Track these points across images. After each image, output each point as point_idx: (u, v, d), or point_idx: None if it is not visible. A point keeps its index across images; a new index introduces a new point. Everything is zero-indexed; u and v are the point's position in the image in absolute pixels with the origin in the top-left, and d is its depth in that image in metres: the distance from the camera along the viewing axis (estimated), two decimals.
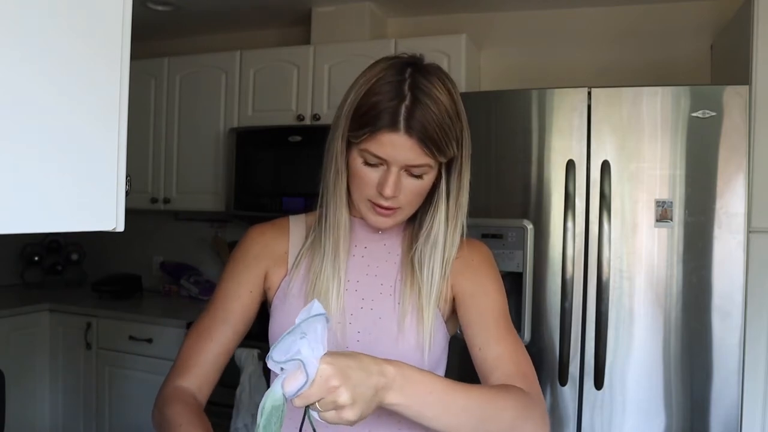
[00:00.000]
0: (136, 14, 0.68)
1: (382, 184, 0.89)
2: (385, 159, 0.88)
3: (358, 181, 0.92)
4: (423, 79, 0.88)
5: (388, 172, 0.89)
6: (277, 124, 2.74)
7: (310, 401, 0.69)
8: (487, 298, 0.98)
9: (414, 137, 0.86)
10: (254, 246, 1.03)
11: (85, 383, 2.79)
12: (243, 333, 1.01)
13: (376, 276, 0.99)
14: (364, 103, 0.89)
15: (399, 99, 0.86)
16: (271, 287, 1.02)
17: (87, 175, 0.64)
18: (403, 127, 0.86)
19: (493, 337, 0.94)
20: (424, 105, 0.86)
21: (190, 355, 0.98)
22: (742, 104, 1.77)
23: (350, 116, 0.91)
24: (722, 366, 1.78)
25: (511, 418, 0.83)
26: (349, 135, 0.90)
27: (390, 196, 0.90)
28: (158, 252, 3.43)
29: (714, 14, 2.47)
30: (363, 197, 0.93)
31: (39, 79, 0.58)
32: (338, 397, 0.69)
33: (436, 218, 0.96)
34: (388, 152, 0.87)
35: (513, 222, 1.94)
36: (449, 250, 0.97)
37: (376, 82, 0.89)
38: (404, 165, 0.89)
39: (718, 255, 1.78)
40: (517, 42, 2.77)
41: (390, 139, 0.86)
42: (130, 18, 0.67)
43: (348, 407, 0.70)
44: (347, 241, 0.98)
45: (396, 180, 0.89)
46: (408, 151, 0.87)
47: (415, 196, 0.93)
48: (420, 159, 0.88)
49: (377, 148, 0.88)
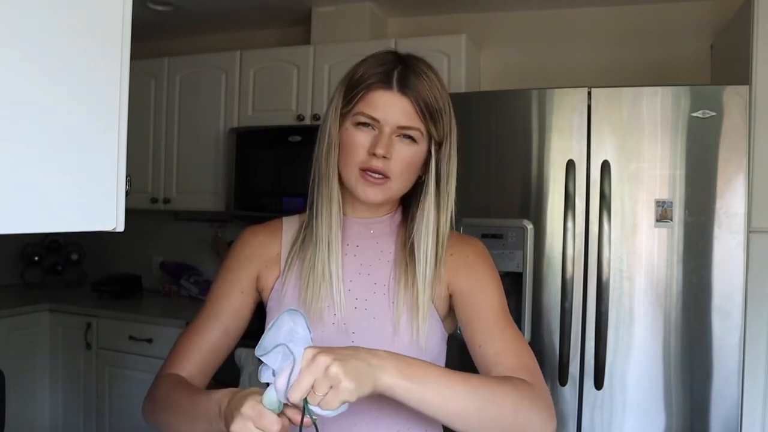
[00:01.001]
0: (136, 14, 0.68)
1: (374, 144, 0.91)
2: (377, 119, 0.91)
3: (349, 148, 0.93)
4: (411, 59, 0.94)
5: (380, 133, 0.91)
6: (277, 124, 2.74)
7: (304, 387, 0.69)
8: (485, 294, 0.97)
9: (407, 96, 0.90)
10: (246, 248, 1.04)
11: (85, 383, 2.79)
12: (236, 333, 1.02)
13: (369, 275, 0.99)
14: (355, 74, 0.93)
15: (391, 65, 0.92)
16: (264, 288, 1.02)
17: (87, 175, 0.64)
18: (396, 87, 0.90)
19: (493, 333, 0.93)
20: (416, 74, 0.92)
21: (179, 351, 0.99)
22: (742, 104, 1.77)
23: (342, 91, 0.94)
24: (722, 366, 1.78)
25: (514, 406, 0.81)
26: (342, 109, 0.93)
27: (381, 154, 0.90)
28: (158, 252, 3.43)
29: (714, 14, 2.47)
30: (353, 165, 0.93)
31: (39, 79, 0.58)
32: (329, 370, 0.69)
33: (427, 202, 0.97)
34: (381, 111, 0.90)
35: (513, 222, 1.94)
36: (442, 235, 0.98)
37: (364, 62, 0.94)
38: (396, 125, 0.91)
39: (718, 255, 1.78)
40: (517, 42, 2.77)
41: (383, 97, 0.90)
42: (130, 18, 0.67)
43: (343, 379, 0.69)
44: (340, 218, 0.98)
45: (388, 140, 0.91)
46: (401, 112, 0.90)
47: (405, 165, 0.93)
48: (412, 121, 0.91)
49: (370, 108, 0.91)
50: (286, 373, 0.69)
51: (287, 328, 0.71)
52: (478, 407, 0.80)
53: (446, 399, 0.78)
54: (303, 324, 0.72)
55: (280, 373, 0.69)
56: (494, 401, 0.81)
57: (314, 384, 0.69)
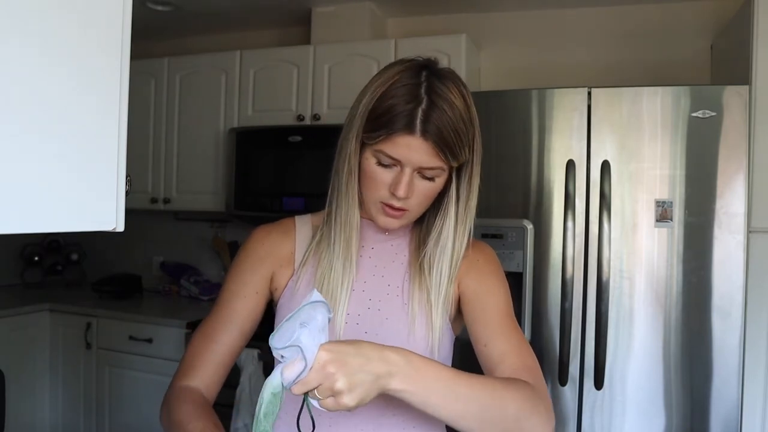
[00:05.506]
0: (136, 14, 0.68)
1: (396, 185, 0.90)
2: (399, 160, 0.89)
3: (370, 182, 0.93)
4: (439, 83, 0.89)
5: (401, 173, 0.90)
6: (277, 124, 2.74)
7: (308, 388, 0.70)
8: (492, 297, 0.99)
9: (429, 140, 0.87)
10: (259, 248, 1.04)
11: (85, 383, 2.79)
12: (249, 333, 1.02)
13: (383, 277, 1.00)
14: (379, 105, 0.90)
15: (416, 102, 0.87)
16: (278, 288, 1.02)
17: (87, 175, 0.64)
18: (419, 131, 0.87)
19: (498, 333, 0.95)
20: (440, 109, 0.87)
21: (195, 355, 0.98)
22: (742, 104, 1.77)
23: (365, 117, 0.91)
24: (722, 366, 1.78)
25: (516, 409, 0.83)
26: (364, 136, 0.91)
27: (403, 197, 0.91)
28: (158, 252, 3.43)
29: (714, 14, 2.47)
30: (374, 198, 0.94)
31: (39, 79, 0.58)
32: (335, 383, 0.70)
33: (446, 222, 0.98)
34: (403, 154, 0.88)
35: (513, 222, 1.94)
36: (457, 252, 0.98)
37: (392, 85, 0.90)
38: (418, 167, 0.90)
39: (718, 255, 1.78)
40: (517, 42, 2.77)
41: (406, 141, 0.88)
42: (130, 18, 0.67)
43: (345, 393, 0.70)
44: (358, 241, 0.99)
45: (409, 181, 0.90)
46: (423, 154, 0.88)
47: (424, 198, 0.94)
48: (433, 162, 0.90)
49: (392, 150, 0.89)
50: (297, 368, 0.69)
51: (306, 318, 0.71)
52: (481, 409, 0.81)
53: (450, 402, 0.79)
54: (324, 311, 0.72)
55: (290, 364, 0.70)
56: (497, 403, 0.82)
57: (318, 388, 0.70)
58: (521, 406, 0.83)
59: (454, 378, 0.81)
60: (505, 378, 0.88)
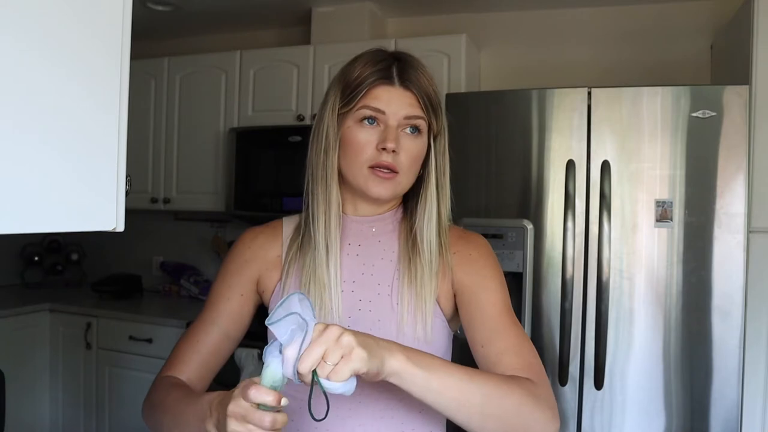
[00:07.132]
0: (136, 14, 0.68)
1: (383, 140, 0.92)
2: (383, 110, 0.92)
3: (355, 146, 0.94)
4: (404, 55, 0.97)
5: (387, 127, 0.93)
6: (277, 124, 2.74)
7: (314, 357, 0.68)
8: (488, 292, 0.96)
9: (409, 90, 0.93)
10: (246, 250, 1.03)
11: (85, 383, 2.79)
12: (236, 336, 1.02)
13: (372, 275, 0.98)
14: (351, 74, 0.95)
15: (389, 61, 0.94)
16: (265, 291, 1.02)
17: (87, 176, 0.64)
18: (397, 81, 0.93)
19: (496, 332, 0.92)
20: (414, 68, 0.94)
21: (178, 354, 0.99)
22: (742, 104, 1.77)
23: (340, 89, 0.95)
24: (722, 366, 1.78)
25: (517, 404, 0.81)
26: (341, 107, 0.94)
27: (392, 148, 0.91)
28: (158, 252, 3.43)
29: (714, 14, 2.47)
30: (362, 162, 0.94)
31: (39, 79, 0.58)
32: (342, 339, 0.69)
33: (428, 193, 0.98)
34: (385, 103, 0.92)
35: (513, 222, 1.94)
36: (444, 225, 0.99)
37: (357, 59, 0.96)
38: (402, 117, 0.93)
39: (718, 255, 1.78)
40: (517, 42, 2.77)
41: (387, 92, 0.92)
42: (130, 18, 0.67)
43: (355, 347, 0.70)
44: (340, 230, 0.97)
45: (395, 133, 0.93)
46: (405, 104, 0.92)
47: (412, 159, 0.95)
48: (416, 111, 0.93)
49: (375, 101, 0.92)
50: (297, 342, 0.68)
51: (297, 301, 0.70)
52: (482, 401, 0.80)
53: (451, 389, 0.78)
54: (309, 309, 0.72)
55: (291, 343, 0.69)
56: (498, 397, 0.81)
57: (325, 353, 0.68)
58: (522, 402, 0.82)
59: (453, 367, 0.81)
60: (507, 375, 0.86)
